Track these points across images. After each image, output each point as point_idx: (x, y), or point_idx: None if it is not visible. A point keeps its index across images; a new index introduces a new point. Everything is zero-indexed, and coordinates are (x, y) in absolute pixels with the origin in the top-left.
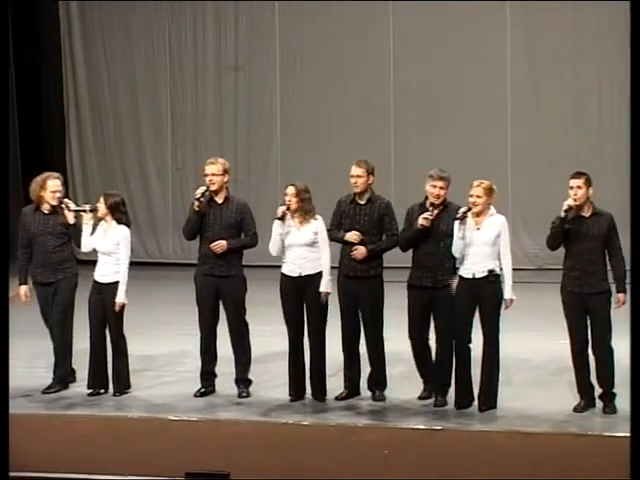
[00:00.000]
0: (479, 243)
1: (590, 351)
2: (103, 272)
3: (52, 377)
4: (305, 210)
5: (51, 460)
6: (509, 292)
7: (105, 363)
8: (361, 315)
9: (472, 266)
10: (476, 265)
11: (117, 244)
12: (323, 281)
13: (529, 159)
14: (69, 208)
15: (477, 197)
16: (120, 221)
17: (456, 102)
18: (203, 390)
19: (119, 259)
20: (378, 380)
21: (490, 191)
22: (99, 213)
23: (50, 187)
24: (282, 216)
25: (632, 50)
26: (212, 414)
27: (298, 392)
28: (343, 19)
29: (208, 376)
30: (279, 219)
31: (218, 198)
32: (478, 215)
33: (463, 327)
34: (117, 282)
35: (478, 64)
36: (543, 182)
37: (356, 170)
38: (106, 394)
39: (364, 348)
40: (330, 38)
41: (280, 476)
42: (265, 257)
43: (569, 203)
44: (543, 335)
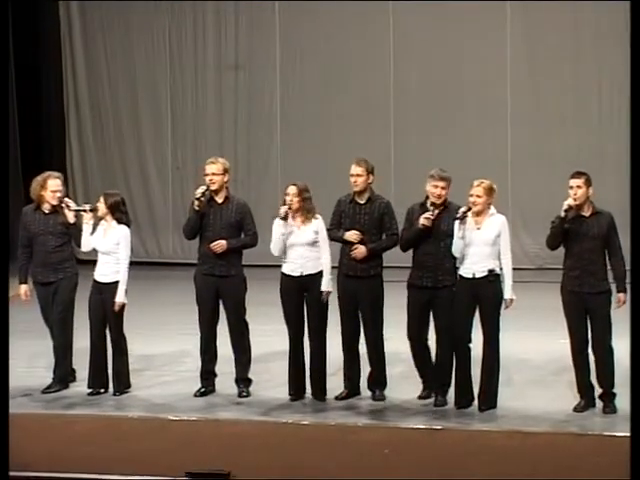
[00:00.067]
0: (479, 243)
1: (590, 351)
2: (103, 272)
3: (52, 377)
4: (307, 209)
5: (51, 460)
6: (509, 292)
7: (105, 363)
8: (361, 315)
9: (472, 266)
10: (476, 265)
11: (117, 244)
12: (324, 280)
13: (529, 159)
14: (69, 207)
15: (477, 197)
16: (120, 221)
17: (456, 102)
18: (203, 390)
19: (119, 259)
20: (378, 380)
21: (490, 191)
22: (99, 213)
23: (50, 187)
24: (285, 216)
25: (632, 50)
26: (212, 414)
27: (298, 392)
28: (343, 18)
29: (208, 376)
30: (283, 219)
31: (218, 198)
32: (478, 215)
33: (463, 327)
34: (117, 282)
35: (478, 64)
36: (543, 182)
37: (356, 169)
38: (106, 394)
39: (364, 348)
40: (330, 37)
41: (280, 475)
42: (265, 257)
43: (569, 203)
44: (543, 335)
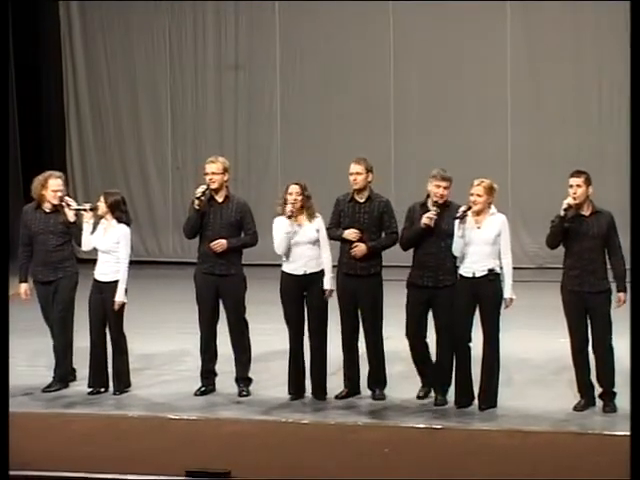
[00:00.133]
0: (479, 242)
1: (590, 350)
2: (103, 271)
3: (52, 376)
4: (309, 208)
5: (51, 459)
6: (509, 291)
7: (105, 362)
8: (360, 313)
9: (472, 265)
10: (476, 264)
11: (117, 243)
12: (326, 279)
13: (529, 159)
14: (70, 206)
15: (477, 196)
16: (120, 220)
17: (456, 102)
18: (203, 389)
19: (119, 258)
20: (378, 379)
21: (491, 190)
22: (99, 212)
23: (52, 186)
24: (291, 215)
25: (632, 50)
26: (212, 413)
27: (298, 391)
28: (343, 18)
29: (208, 375)
30: (289, 217)
31: (218, 197)
32: (478, 214)
33: (463, 326)
34: (117, 281)
35: (478, 64)
36: (543, 181)
37: (355, 167)
38: (106, 393)
39: (364, 347)
40: (330, 37)
41: (280, 475)
42: (265, 256)
43: (569, 202)
44: (543, 334)
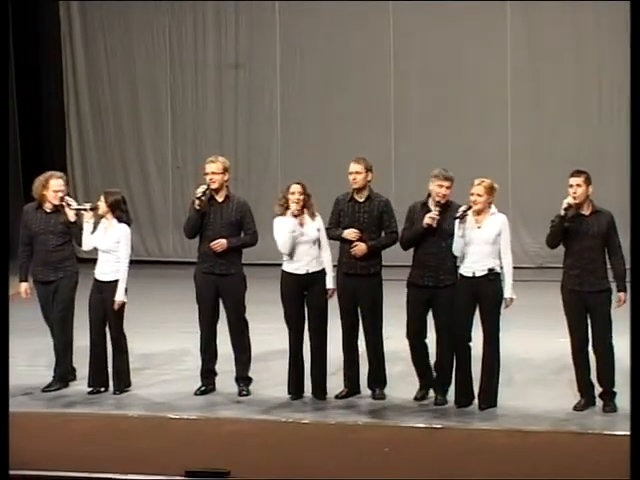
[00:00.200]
0: (479, 242)
1: (590, 349)
2: (103, 270)
3: (52, 375)
4: (310, 207)
5: (51, 458)
6: (509, 291)
7: (105, 361)
8: (360, 313)
9: (472, 265)
10: (476, 264)
11: (117, 242)
12: (329, 278)
13: (529, 159)
14: (70, 206)
15: (478, 195)
16: (120, 219)
17: (456, 101)
18: (203, 388)
19: (119, 257)
20: (378, 378)
21: (491, 190)
22: (100, 211)
23: (53, 186)
24: (297, 214)
25: (632, 50)
26: (212, 412)
27: (297, 391)
28: (343, 18)
29: (208, 374)
30: (295, 217)
31: (218, 197)
32: (479, 214)
33: (463, 325)
34: (117, 280)
35: (478, 64)
36: (543, 181)
37: (355, 167)
38: (106, 392)
39: (364, 346)
40: (330, 36)
41: (280, 474)
42: (265, 255)
43: (569, 201)
44: (543, 333)
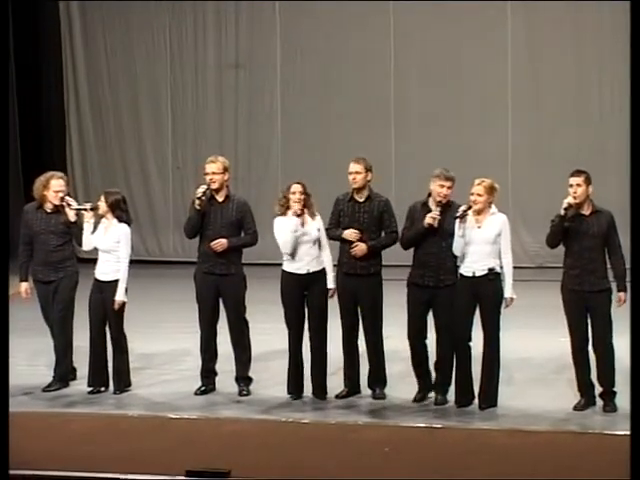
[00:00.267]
0: (479, 241)
1: (590, 349)
2: (104, 270)
3: (53, 375)
4: (311, 207)
5: (51, 458)
6: (509, 291)
7: (105, 361)
8: (360, 313)
9: (472, 264)
10: (476, 263)
11: (117, 242)
12: (329, 278)
13: (529, 159)
14: (70, 206)
15: (478, 195)
16: (121, 219)
17: (456, 101)
18: (203, 388)
19: (119, 257)
20: (378, 378)
21: (491, 189)
22: (100, 211)
23: (53, 187)
24: (299, 214)
25: (632, 50)
26: (212, 412)
27: (297, 391)
28: (343, 18)
29: (208, 374)
30: (298, 216)
31: (219, 196)
32: (479, 213)
33: (463, 325)
34: (117, 280)
35: (478, 64)
36: (543, 181)
37: (354, 167)
38: (106, 392)
39: (364, 346)
40: (330, 36)
41: (280, 474)
42: (265, 255)
43: (569, 201)
44: (543, 333)
